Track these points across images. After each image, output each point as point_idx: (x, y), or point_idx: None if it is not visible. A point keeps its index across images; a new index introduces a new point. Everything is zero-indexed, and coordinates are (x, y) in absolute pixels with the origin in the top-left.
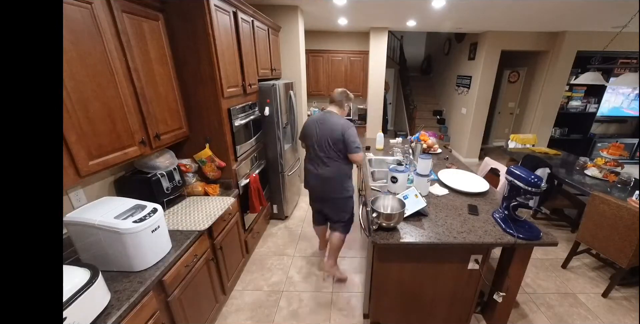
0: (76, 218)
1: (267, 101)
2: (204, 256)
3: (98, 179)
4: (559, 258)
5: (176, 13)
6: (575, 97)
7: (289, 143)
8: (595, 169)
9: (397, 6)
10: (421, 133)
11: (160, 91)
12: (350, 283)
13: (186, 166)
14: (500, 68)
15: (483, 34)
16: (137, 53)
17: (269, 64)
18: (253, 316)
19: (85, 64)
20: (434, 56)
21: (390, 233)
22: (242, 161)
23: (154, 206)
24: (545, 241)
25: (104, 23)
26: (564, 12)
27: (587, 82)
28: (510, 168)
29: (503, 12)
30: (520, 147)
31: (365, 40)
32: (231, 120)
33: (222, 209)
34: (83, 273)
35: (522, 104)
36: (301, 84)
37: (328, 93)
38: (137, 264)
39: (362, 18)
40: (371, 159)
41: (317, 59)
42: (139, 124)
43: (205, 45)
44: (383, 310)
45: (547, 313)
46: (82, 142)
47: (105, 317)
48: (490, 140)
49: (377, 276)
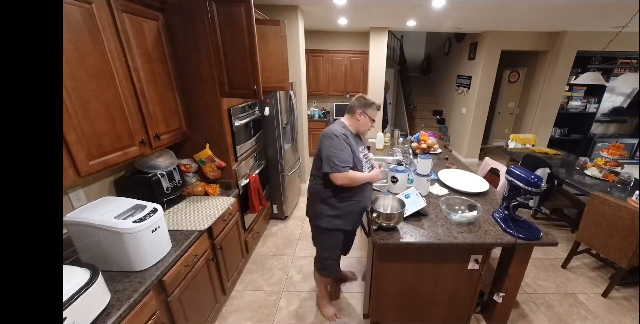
0: (76, 218)
1: (267, 101)
2: (204, 256)
3: (98, 179)
4: (559, 258)
5: (176, 13)
6: (575, 97)
7: (289, 143)
8: (595, 169)
9: (397, 6)
10: (421, 133)
11: (160, 90)
12: (350, 283)
13: (186, 166)
14: (500, 68)
15: (483, 34)
16: (137, 53)
17: None
18: (253, 316)
19: (85, 64)
20: (434, 56)
21: (390, 233)
22: (242, 161)
23: (154, 206)
24: (545, 241)
25: (104, 23)
26: (564, 12)
27: (587, 82)
28: (510, 168)
29: (503, 12)
30: (520, 147)
31: (365, 40)
32: (231, 120)
33: (222, 209)
34: (83, 273)
35: (522, 104)
36: (301, 84)
37: (328, 93)
38: (137, 264)
39: (362, 18)
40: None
41: (317, 59)
42: (139, 124)
43: (206, 45)
44: (383, 310)
45: (547, 313)
46: (82, 142)
47: (105, 317)
48: (490, 140)
49: (377, 276)
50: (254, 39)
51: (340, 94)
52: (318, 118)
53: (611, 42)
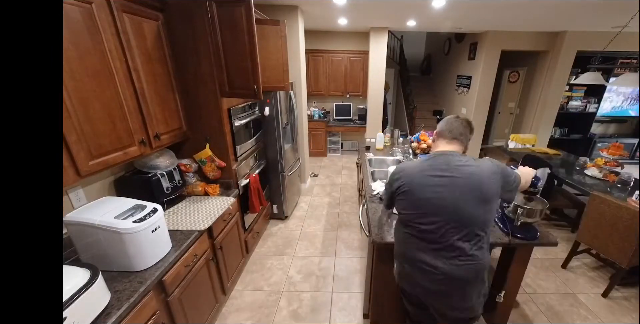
0: (76, 218)
1: (267, 101)
2: (204, 256)
3: (98, 179)
4: (559, 258)
5: (176, 13)
6: (575, 97)
7: (289, 143)
8: (595, 169)
9: (397, 6)
10: (421, 133)
11: (160, 90)
12: (350, 283)
13: (186, 165)
14: (500, 68)
15: (483, 34)
16: (137, 53)
17: None
18: (253, 316)
19: (85, 64)
20: (434, 56)
21: (390, 232)
22: (242, 161)
23: (154, 206)
24: (545, 241)
25: (104, 23)
26: (564, 12)
27: (587, 82)
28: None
29: (503, 12)
30: (520, 147)
31: (365, 40)
32: (231, 120)
33: (222, 209)
34: (83, 273)
35: (522, 104)
36: (301, 84)
37: (328, 93)
38: (137, 264)
39: (362, 18)
40: (371, 159)
41: (317, 59)
42: (139, 124)
43: (206, 45)
44: (383, 310)
45: (547, 313)
46: (82, 142)
47: (105, 317)
48: (490, 140)
49: (377, 276)
50: (254, 39)
51: (340, 94)
52: (318, 118)
53: (611, 42)
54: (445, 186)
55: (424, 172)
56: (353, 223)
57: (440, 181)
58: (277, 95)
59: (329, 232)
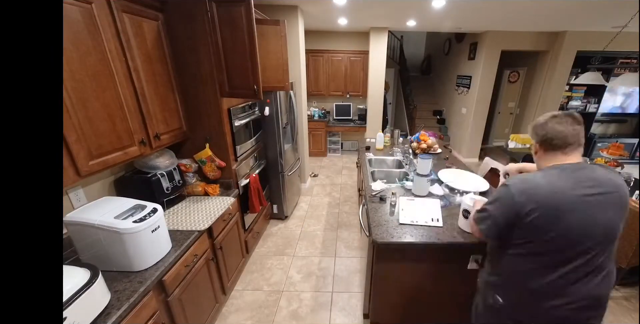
0: (76, 218)
1: (267, 101)
2: (204, 256)
3: (98, 179)
4: None
5: (176, 13)
6: (575, 97)
7: (289, 143)
8: None
9: (397, 6)
10: (421, 133)
11: (160, 90)
12: (350, 283)
13: (186, 165)
14: (500, 68)
15: (483, 34)
16: (137, 53)
17: None
18: (253, 316)
19: (85, 64)
20: (434, 56)
21: (389, 233)
22: (242, 161)
23: (154, 206)
24: None
25: (104, 23)
26: (564, 12)
27: (587, 82)
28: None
29: (503, 12)
30: (520, 147)
31: (365, 40)
32: (231, 120)
33: (222, 209)
34: (83, 273)
35: (522, 104)
36: (301, 84)
37: (328, 93)
38: (137, 264)
39: (362, 18)
40: (371, 159)
41: (317, 58)
42: (139, 124)
43: (205, 45)
44: (383, 310)
45: None
46: (82, 142)
47: (105, 317)
48: (490, 140)
49: (377, 276)
50: (254, 39)
51: (340, 94)
52: (318, 118)
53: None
54: (598, 205)
55: (574, 191)
56: (353, 223)
57: (595, 199)
58: (277, 95)
59: (329, 232)
